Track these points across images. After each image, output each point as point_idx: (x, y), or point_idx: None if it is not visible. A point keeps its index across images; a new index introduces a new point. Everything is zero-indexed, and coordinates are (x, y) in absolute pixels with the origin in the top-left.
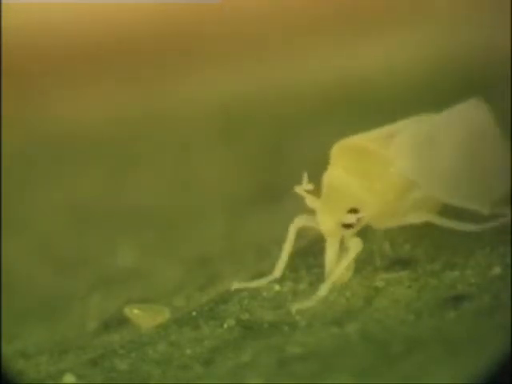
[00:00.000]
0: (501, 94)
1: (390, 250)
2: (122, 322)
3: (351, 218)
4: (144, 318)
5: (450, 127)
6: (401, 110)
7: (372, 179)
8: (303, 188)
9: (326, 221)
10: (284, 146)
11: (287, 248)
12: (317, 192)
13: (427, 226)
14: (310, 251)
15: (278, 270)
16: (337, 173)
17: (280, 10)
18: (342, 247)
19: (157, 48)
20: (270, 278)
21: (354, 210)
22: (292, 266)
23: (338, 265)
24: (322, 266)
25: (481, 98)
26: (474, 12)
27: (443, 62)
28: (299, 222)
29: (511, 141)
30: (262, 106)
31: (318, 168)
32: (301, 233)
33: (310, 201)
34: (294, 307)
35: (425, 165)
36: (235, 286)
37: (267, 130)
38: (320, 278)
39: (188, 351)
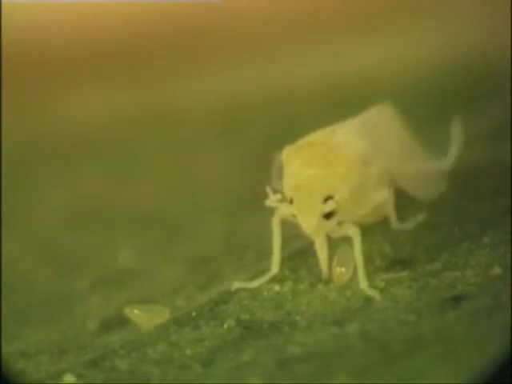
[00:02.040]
0: (501, 94)
1: (389, 250)
2: (122, 322)
3: (330, 205)
4: (144, 318)
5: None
6: (401, 109)
7: (332, 164)
8: (273, 200)
9: (308, 219)
10: (284, 146)
11: (277, 241)
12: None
13: (427, 226)
14: (310, 251)
15: (275, 266)
16: (298, 171)
17: (280, 10)
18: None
19: (157, 48)
20: (269, 274)
21: (328, 197)
22: (292, 266)
23: (355, 257)
24: None
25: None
26: (474, 12)
27: (443, 62)
28: (280, 213)
29: (511, 141)
30: (262, 107)
31: None
32: (300, 233)
33: (286, 208)
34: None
35: (369, 143)
36: (236, 285)
37: (267, 130)
38: (320, 278)
39: (188, 351)
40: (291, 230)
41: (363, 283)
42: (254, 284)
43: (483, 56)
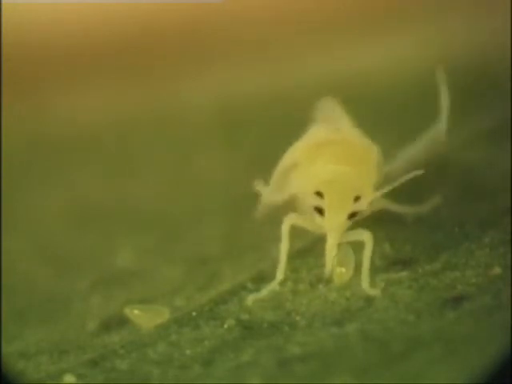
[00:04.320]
0: (501, 94)
1: (389, 249)
2: (122, 322)
3: (361, 205)
4: (144, 318)
5: None
6: (401, 109)
7: (358, 163)
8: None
9: (337, 215)
10: (284, 146)
11: (284, 248)
12: None
13: (427, 226)
14: (310, 251)
15: (281, 273)
16: (327, 167)
17: (281, 10)
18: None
19: (157, 48)
20: (276, 281)
21: (357, 198)
22: (292, 266)
23: (363, 259)
24: (322, 266)
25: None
26: (474, 12)
27: (443, 62)
28: (290, 220)
29: (511, 141)
30: (262, 107)
31: None
32: (301, 233)
33: (315, 200)
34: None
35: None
36: (251, 298)
37: (267, 130)
38: (320, 278)
39: (188, 351)
40: (291, 230)
41: (365, 283)
42: (264, 292)
43: (483, 56)
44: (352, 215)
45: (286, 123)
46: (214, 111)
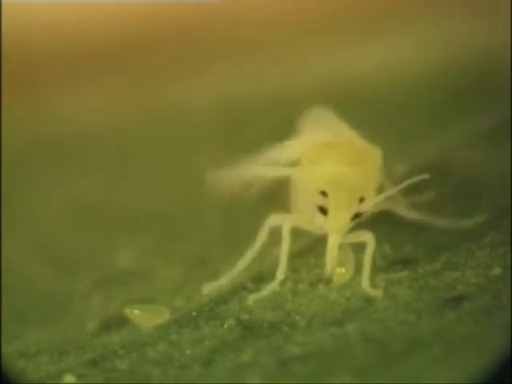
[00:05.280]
0: (501, 94)
1: (389, 250)
2: (122, 322)
3: (366, 205)
4: (144, 318)
5: None
6: (401, 109)
7: (363, 164)
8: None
9: (342, 215)
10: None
11: (285, 249)
12: None
13: (427, 226)
14: (310, 251)
15: (281, 273)
16: (333, 167)
17: (280, 10)
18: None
19: (157, 48)
20: (276, 282)
21: (362, 199)
22: (292, 266)
23: (365, 259)
24: (322, 266)
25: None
26: (474, 12)
27: (443, 62)
28: (290, 222)
29: (511, 141)
30: (262, 107)
31: None
32: (301, 233)
33: (319, 199)
34: None
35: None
36: (251, 298)
37: (267, 130)
38: (320, 278)
39: (188, 351)
40: (291, 230)
41: (366, 283)
42: (264, 292)
43: (483, 56)
44: (355, 216)
45: (286, 123)
46: (214, 111)
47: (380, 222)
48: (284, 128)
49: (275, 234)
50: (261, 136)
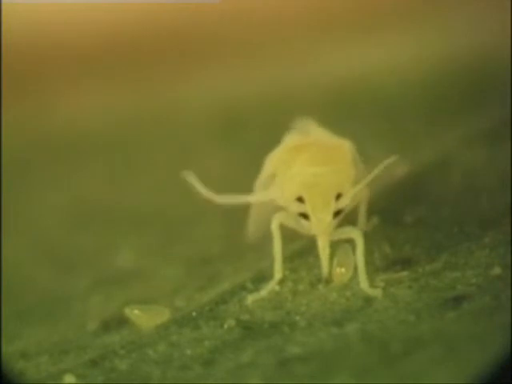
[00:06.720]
0: (501, 94)
1: (389, 250)
2: (122, 322)
3: (344, 201)
4: (144, 318)
5: None
6: (401, 110)
7: (335, 162)
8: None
9: (323, 217)
10: None
11: (277, 247)
12: None
13: (427, 226)
14: (310, 251)
15: (278, 272)
16: (303, 170)
17: (279, 10)
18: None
19: (157, 49)
20: (274, 280)
21: (338, 196)
22: (292, 266)
23: (356, 258)
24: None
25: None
26: (474, 12)
27: (443, 62)
28: (278, 219)
29: (511, 141)
30: (262, 107)
31: None
32: (300, 233)
33: (298, 207)
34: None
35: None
36: (251, 298)
37: (267, 130)
38: (320, 278)
39: (188, 351)
40: (291, 230)
41: (364, 283)
42: (264, 292)
43: (483, 56)
44: (336, 213)
45: (286, 123)
46: (213, 111)
47: (380, 222)
48: (284, 128)
49: None
50: (260, 136)
